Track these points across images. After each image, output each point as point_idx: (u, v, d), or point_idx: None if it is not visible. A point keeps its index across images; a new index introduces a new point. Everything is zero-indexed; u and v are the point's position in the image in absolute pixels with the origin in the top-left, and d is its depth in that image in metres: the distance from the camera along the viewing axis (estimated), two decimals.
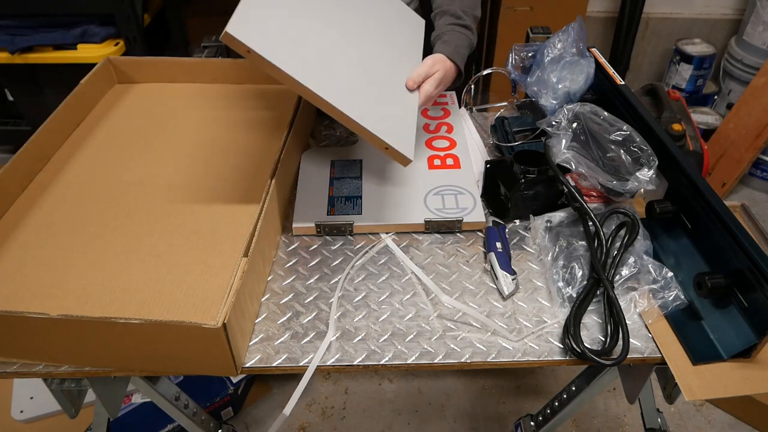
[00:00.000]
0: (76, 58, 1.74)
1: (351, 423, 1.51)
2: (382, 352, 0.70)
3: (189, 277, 0.72)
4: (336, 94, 0.73)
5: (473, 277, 0.80)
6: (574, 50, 0.93)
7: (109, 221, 0.80)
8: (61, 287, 0.71)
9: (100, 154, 0.93)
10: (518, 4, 1.99)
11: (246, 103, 1.04)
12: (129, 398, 1.38)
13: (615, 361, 0.67)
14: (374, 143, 0.76)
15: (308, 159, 0.97)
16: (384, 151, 0.77)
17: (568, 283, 0.76)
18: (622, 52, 2.37)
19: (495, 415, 1.53)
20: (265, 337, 0.72)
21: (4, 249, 0.76)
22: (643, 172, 0.79)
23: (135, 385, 0.89)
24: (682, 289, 0.73)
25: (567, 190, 0.81)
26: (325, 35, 0.80)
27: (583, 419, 1.52)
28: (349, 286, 0.79)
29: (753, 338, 0.65)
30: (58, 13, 1.72)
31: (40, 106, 1.92)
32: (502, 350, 0.71)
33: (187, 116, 1.01)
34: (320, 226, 0.85)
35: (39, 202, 0.83)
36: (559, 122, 0.83)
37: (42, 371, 0.68)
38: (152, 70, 1.08)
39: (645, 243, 0.77)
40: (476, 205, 0.87)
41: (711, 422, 1.50)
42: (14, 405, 1.38)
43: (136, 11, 1.79)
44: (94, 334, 0.63)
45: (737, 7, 2.40)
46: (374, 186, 0.91)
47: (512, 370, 1.64)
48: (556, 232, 0.82)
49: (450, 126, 1.03)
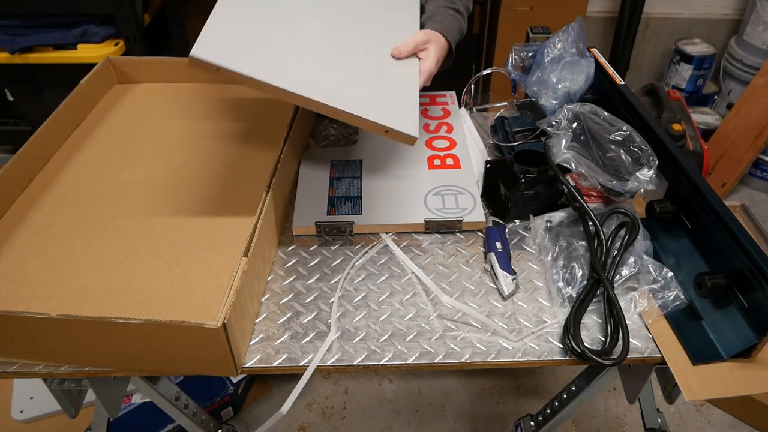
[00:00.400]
0: (76, 58, 1.74)
1: (351, 423, 1.51)
2: (382, 352, 0.70)
3: (189, 277, 0.72)
4: (323, 89, 0.70)
5: (473, 277, 0.80)
6: (574, 50, 0.93)
7: (109, 221, 0.80)
8: (61, 287, 0.71)
9: (100, 154, 0.93)
10: (518, 4, 1.98)
11: (246, 103, 1.04)
12: (129, 398, 1.38)
13: (615, 361, 0.67)
14: (373, 129, 0.72)
15: (308, 159, 0.97)
16: (385, 135, 0.73)
17: (568, 283, 0.76)
18: (622, 52, 2.37)
19: (495, 415, 1.53)
20: (265, 337, 0.72)
21: (4, 249, 0.76)
22: (643, 172, 0.79)
23: (135, 385, 0.89)
24: (682, 289, 0.73)
25: (567, 190, 0.81)
26: (306, 29, 0.77)
27: (583, 419, 1.52)
28: (349, 286, 0.79)
29: (753, 338, 0.65)
30: (58, 13, 1.72)
31: (40, 106, 1.92)
32: (502, 350, 0.71)
33: (186, 116, 1.01)
34: (320, 226, 0.85)
35: (39, 202, 0.83)
36: (559, 122, 0.83)
37: (42, 371, 0.68)
38: (152, 70, 1.08)
39: (645, 243, 0.77)
40: (476, 205, 0.87)
41: (711, 422, 1.50)
42: (14, 405, 1.37)
43: (136, 11, 1.79)
44: (94, 334, 0.63)
45: (737, 7, 2.40)
46: (374, 186, 0.91)
47: (512, 370, 1.64)
48: (556, 232, 0.82)
49: (450, 126, 1.03)
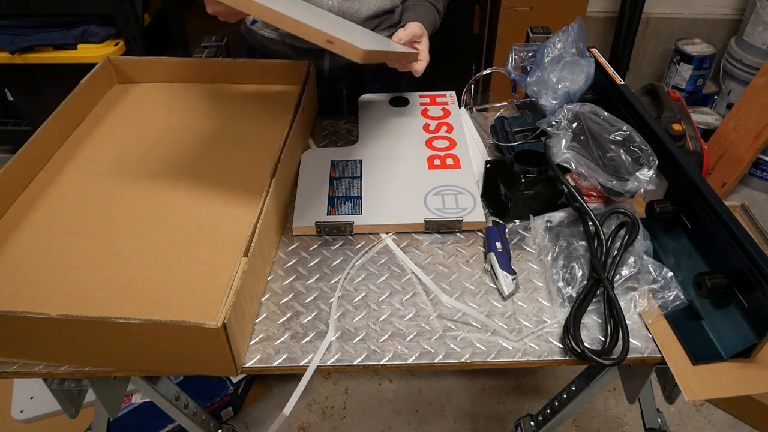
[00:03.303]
0: (76, 58, 1.75)
1: (351, 423, 1.51)
2: (382, 352, 0.70)
3: (189, 277, 0.72)
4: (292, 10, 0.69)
5: (473, 277, 0.80)
6: (574, 50, 0.94)
7: (109, 221, 0.80)
8: (61, 287, 0.71)
9: (100, 154, 0.92)
10: (518, 4, 1.99)
11: (246, 103, 1.04)
12: (129, 398, 1.38)
13: (615, 361, 0.67)
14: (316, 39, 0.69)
15: (308, 159, 0.97)
16: (328, 46, 0.69)
17: (568, 283, 0.76)
18: (622, 52, 2.37)
19: (495, 415, 1.53)
20: (265, 337, 0.72)
21: (4, 249, 0.76)
22: (643, 172, 0.79)
23: (135, 385, 0.89)
24: (682, 289, 0.73)
25: (567, 190, 0.81)
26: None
27: (583, 419, 1.52)
28: (349, 286, 0.79)
29: (753, 338, 0.65)
30: (58, 13, 1.72)
31: (40, 106, 1.92)
32: (502, 350, 0.71)
33: (186, 116, 1.01)
34: (320, 226, 0.85)
35: (39, 202, 0.83)
36: (559, 122, 0.83)
37: (42, 371, 0.68)
38: (152, 70, 1.08)
39: (645, 243, 0.77)
40: (476, 205, 0.87)
41: (711, 422, 1.50)
42: (14, 405, 1.38)
43: (136, 11, 1.79)
44: (94, 334, 0.63)
45: (737, 7, 2.40)
46: (374, 186, 0.91)
47: (512, 370, 1.64)
48: (556, 232, 0.82)
49: (450, 126, 1.03)
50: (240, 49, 1.19)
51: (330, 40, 0.69)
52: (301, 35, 0.69)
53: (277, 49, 1.09)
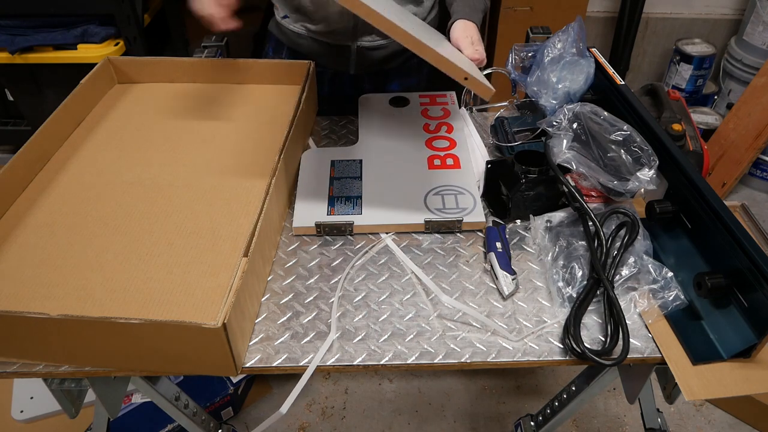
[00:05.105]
0: (76, 58, 1.74)
1: (351, 423, 1.51)
2: (382, 352, 0.70)
3: (189, 277, 0.72)
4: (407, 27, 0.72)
5: (473, 277, 0.80)
6: (574, 50, 0.93)
7: (109, 221, 0.80)
8: (61, 287, 0.71)
9: (100, 154, 0.93)
10: (518, 4, 1.99)
11: (246, 103, 1.04)
12: (129, 398, 1.38)
13: (615, 361, 0.67)
14: (453, 74, 0.75)
15: (308, 159, 0.97)
16: (463, 82, 0.76)
17: (568, 283, 0.76)
18: (622, 52, 2.37)
19: (495, 415, 1.53)
20: (265, 337, 0.72)
21: (4, 249, 0.76)
22: (643, 172, 0.79)
23: (135, 385, 0.89)
24: (682, 289, 0.73)
25: (567, 190, 0.81)
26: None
27: (583, 419, 1.52)
28: (349, 286, 0.79)
29: (753, 338, 0.65)
30: (58, 13, 1.72)
31: (40, 106, 1.92)
32: (502, 350, 0.71)
33: (187, 116, 1.01)
34: (320, 226, 0.85)
35: (39, 202, 0.83)
36: (560, 122, 0.83)
37: (42, 371, 0.68)
38: (152, 70, 1.08)
39: (645, 243, 0.77)
40: (476, 205, 0.87)
41: (711, 422, 1.50)
42: (14, 405, 1.38)
43: (136, 11, 1.79)
44: (94, 334, 0.63)
45: (737, 7, 2.40)
46: (374, 186, 0.91)
47: (512, 370, 1.64)
48: (556, 232, 0.82)
49: (450, 126, 1.03)
50: (266, 44, 1.20)
51: (466, 77, 0.76)
52: (439, 67, 0.75)
53: (304, 44, 1.09)
